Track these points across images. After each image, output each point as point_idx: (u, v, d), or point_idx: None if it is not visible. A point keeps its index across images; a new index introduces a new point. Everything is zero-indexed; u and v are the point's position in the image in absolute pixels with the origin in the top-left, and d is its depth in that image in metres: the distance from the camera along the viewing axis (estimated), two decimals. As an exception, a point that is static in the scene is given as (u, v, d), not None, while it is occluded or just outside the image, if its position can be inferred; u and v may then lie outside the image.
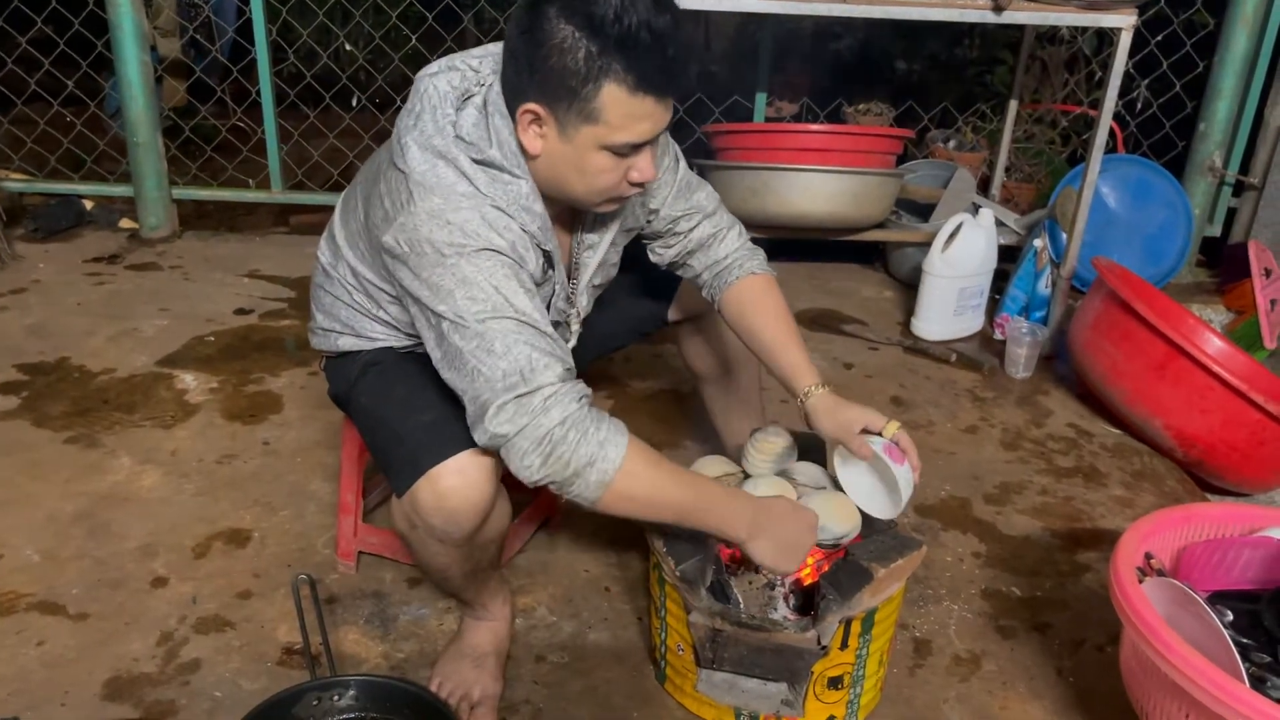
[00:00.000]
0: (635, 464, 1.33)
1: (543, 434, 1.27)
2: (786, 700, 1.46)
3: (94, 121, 3.81)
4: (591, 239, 1.56)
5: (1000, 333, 2.98)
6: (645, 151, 1.36)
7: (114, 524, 1.99)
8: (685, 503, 1.39)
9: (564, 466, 1.29)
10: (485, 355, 1.29)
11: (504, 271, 1.32)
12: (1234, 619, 1.51)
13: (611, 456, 1.30)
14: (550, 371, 1.29)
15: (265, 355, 2.69)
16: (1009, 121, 3.43)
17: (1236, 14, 3.16)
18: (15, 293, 3.03)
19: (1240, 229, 3.40)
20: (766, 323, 1.64)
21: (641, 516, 1.40)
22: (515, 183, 1.36)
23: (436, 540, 1.41)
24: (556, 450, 1.28)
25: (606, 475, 1.30)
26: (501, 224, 1.34)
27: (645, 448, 1.36)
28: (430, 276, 1.32)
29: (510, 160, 1.36)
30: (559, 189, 1.39)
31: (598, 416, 1.33)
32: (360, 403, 1.56)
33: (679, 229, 1.67)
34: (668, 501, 1.38)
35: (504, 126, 1.35)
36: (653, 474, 1.36)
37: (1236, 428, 2.27)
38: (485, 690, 1.58)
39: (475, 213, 1.32)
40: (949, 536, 2.08)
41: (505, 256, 1.33)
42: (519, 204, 1.36)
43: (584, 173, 1.35)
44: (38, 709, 1.55)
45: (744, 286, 1.66)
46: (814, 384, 1.58)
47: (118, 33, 3.24)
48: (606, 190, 1.38)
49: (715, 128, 3.23)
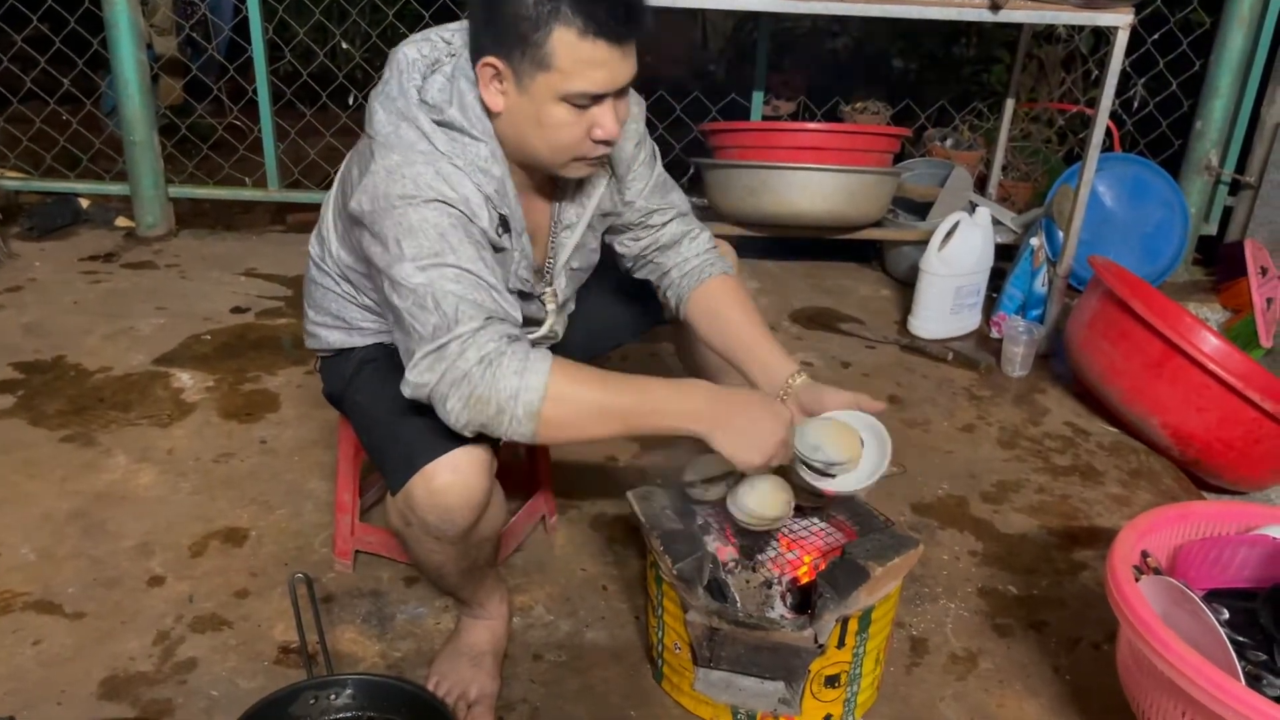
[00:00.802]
0: (562, 384, 1.29)
1: (460, 375, 1.26)
2: (784, 699, 1.46)
3: (90, 120, 3.81)
4: (569, 218, 1.56)
5: (997, 331, 2.98)
6: (606, 106, 1.36)
7: (110, 523, 1.99)
8: (629, 408, 1.33)
9: (486, 404, 1.26)
10: (419, 311, 1.29)
11: (450, 222, 1.33)
12: (1230, 617, 1.51)
13: (534, 384, 1.27)
14: (472, 320, 1.28)
15: (262, 354, 2.69)
16: (1006, 120, 3.43)
17: (1233, 13, 3.16)
18: (11, 291, 3.02)
19: (1236, 228, 3.40)
20: (741, 319, 1.63)
21: (590, 436, 1.35)
22: (474, 144, 1.38)
23: (431, 537, 1.41)
24: (476, 390, 1.26)
25: (533, 405, 1.27)
26: (456, 179, 1.35)
27: (574, 366, 1.32)
28: (380, 229, 1.33)
29: (471, 122, 1.37)
30: (524, 149, 1.40)
31: (518, 350, 1.29)
32: (355, 401, 1.56)
33: (651, 222, 1.67)
34: (609, 412, 1.32)
35: (469, 90, 1.37)
36: (584, 390, 1.31)
37: (1233, 426, 2.28)
38: (482, 689, 1.58)
39: (430, 167, 1.34)
40: (946, 535, 2.09)
41: (455, 209, 1.33)
42: (476, 165, 1.37)
43: (543, 126, 1.35)
44: (34, 708, 1.55)
45: (715, 285, 1.66)
46: (798, 370, 1.59)
47: (114, 31, 3.24)
48: (569, 147, 1.37)
49: (712, 126, 3.23)
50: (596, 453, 2.29)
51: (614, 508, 2.08)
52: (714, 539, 1.63)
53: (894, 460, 1.57)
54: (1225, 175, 3.37)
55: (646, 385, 1.36)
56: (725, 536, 1.64)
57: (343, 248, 1.52)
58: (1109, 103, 2.62)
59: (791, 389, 1.58)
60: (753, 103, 3.59)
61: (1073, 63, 3.79)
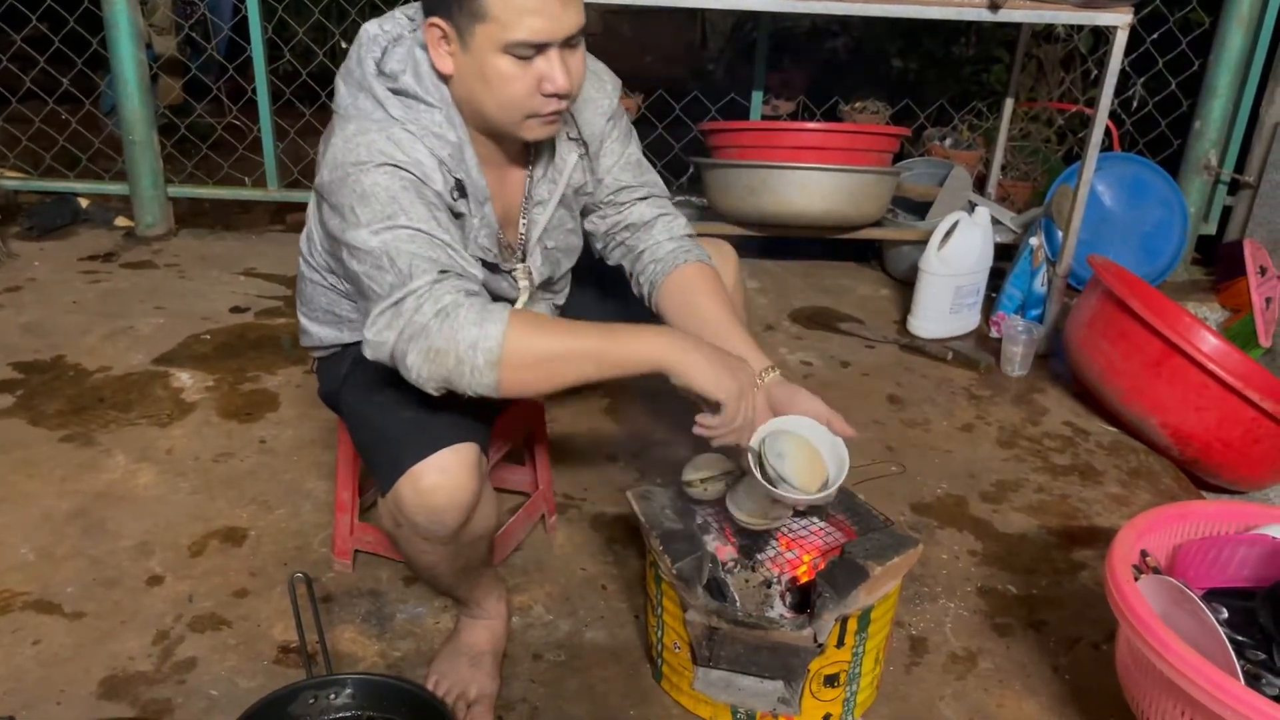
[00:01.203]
0: (521, 331, 1.27)
1: (418, 329, 1.26)
2: (783, 698, 1.46)
3: (90, 119, 3.80)
4: (541, 194, 1.56)
5: (996, 331, 2.98)
6: (552, 58, 1.34)
7: (109, 522, 1.98)
8: (592, 349, 1.32)
9: (445, 356, 1.26)
10: (376, 273, 1.30)
11: (401, 184, 1.34)
12: (1229, 616, 1.51)
13: (492, 333, 1.26)
14: (426, 274, 1.28)
15: (261, 353, 2.69)
16: (1005, 120, 3.43)
17: (1232, 12, 3.16)
18: (10, 291, 3.02)
19: (1235, 227, 3.40)
20: (714, 309, 1.56)
21: (555, 382, 1.32)
22: (429, 110, 1.39)
23: (421, 538, 1.41)
24: (433, 343, 1.25)
25: (493, 353, 1.25)
26: (407, 143, 1.36)
27: (531, 314, 1.34)
28: (338, 198, 1.34)
29: (426, 89, 1.39)
30: (478, 111, 1.40)
31: (476, 302, 1.29)
32: (348, 402, 1.56)
33: (620, 199, 1.63)
34: (572, 354, 1.31)
35: (425, 59, 1.39)
36: (543, 336, 1.30)
37: (1232, 425, 2.28)
38: (482, 689, 1.58)
39: (382, 134, 1.36)
40: (945, 534, 2.09)
41: (407, 172, 1.35)
42: (430, 130, 1.39)
43: (489, 82, 1.35)
44: (33, 708, 1.55)
45: (689, 272, 1.59)
46: (769, 365, 1.54)
47: (113, 30, 3.23)
48: (517, 103, 1.36)
49: (712, 126, 3.23)
50: (596, 452, 2.29)
51: (614, 507, 2.08)
52: (713, 538, 1.63)
53: (895, 460, 1.55)
54: (1224, 175, 3.37)
55: (609, 327, 1.36)
56: (725, 536, 1.64)
57: (320, 233, 1.53)
58: (1108, 102, 2.62)
59: (763, 384, 1.52)
60: (752, 102, 3.58)
61: (1072, 62, 3.78)
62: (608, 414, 2.46)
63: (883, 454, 2.36)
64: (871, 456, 2.33)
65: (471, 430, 1.41)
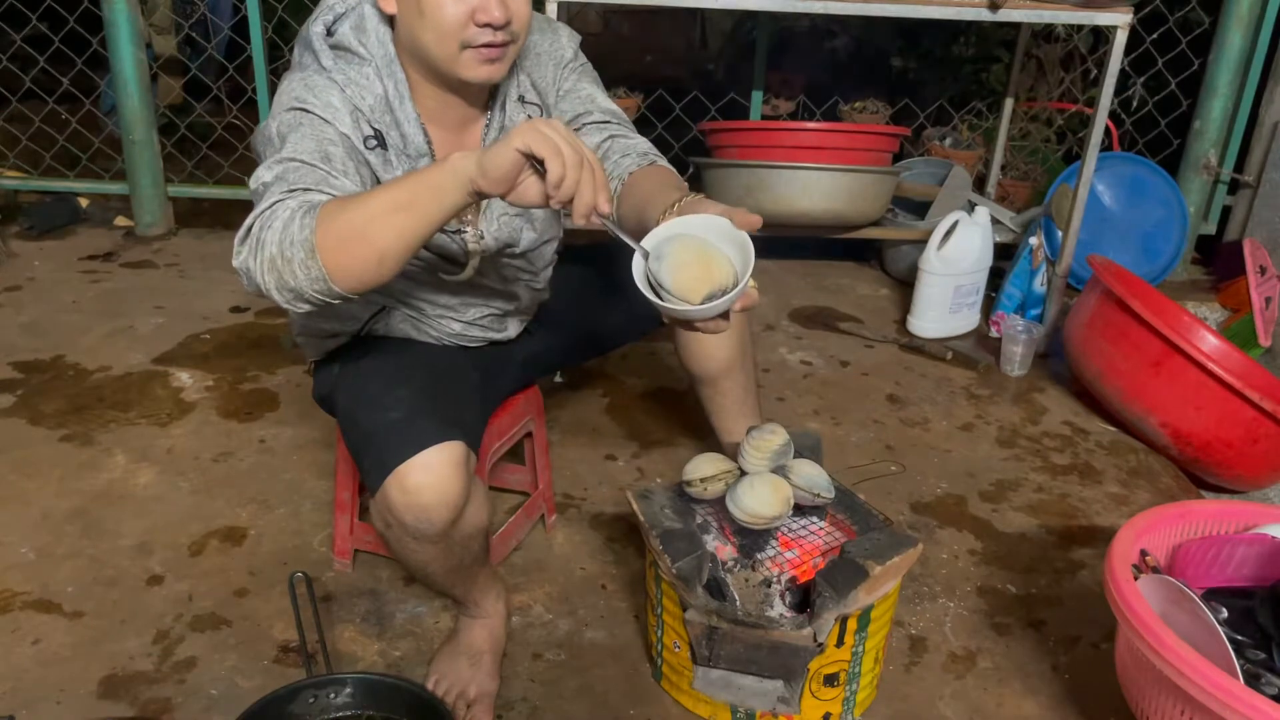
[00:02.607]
0: (330, 210, 1.20)
1: (256, 244, 1.21)
2: (782, 697, 1.46)
3: (89, 119, 3.80)
4: None
5: (996, 330, 2.98)
6: None
7: (109, 522, 1.99)
8: (398, 198, 1.20)
9: (276, 260, 1.18)
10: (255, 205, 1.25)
11: (305, 125, 1.36)
12: (1229, 616, 1.51)
13: (306, 222, 1.18)
14: (272, 197, 1.23)
15: (261, 353, 2.69)
16: (1005, 119, 3.43)
17: (1231, 12, 3.16)
18: (10, 290, 3.02)
19: (1235, 227, 3.40)
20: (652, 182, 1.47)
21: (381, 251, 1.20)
22: (360, 64, 1.44)
23: (411, 538, 1.41)
24: (266, 250, 1.19)
25: (309, 241, 1.18)
26: (322, 88, 1.41)
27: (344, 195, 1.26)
28: (257, 148, 1.41)
29: (362, 42, 1.43)
30: (417, 49, 1.40)
31: (302, 204, 1.22)
32: (339, 403, 1.57)
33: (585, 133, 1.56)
34: (379, 211, 1.19)
35: (370, 14, 1.44)
36: (349, 205, 1.21)
37: (1231, 425, 2.28)
38: (481, 688, 1.58)
39: (302, 82, 1.41)
40: (945, 534, 2.09)
41: (311, 114, 1.37)
42: (357, 81, 1.43)
43: (425, 13, 1.35)
44: (33, 707, 1.55)
45: (643, 172, 1.51)
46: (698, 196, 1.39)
47: (113, 30, 3.23)
48: (452, 30, 1.34)
49: (711, 125, 3.23)
50: (596, 452, 2.29)
51: (613, 507, 2.08)
52: (713, 538, 1.63)
53: (894, 460, 1.55)
54: (1224, 174, 3.37)
55: (407, 175, 1.25)
56: (724, 535, 1.64)
57: None
58: (1108, 102, 2.62)
59: (679, 206, 1.35)
60: (752, 102, 3.58)
61: (1072, 62, 3.78)
62: (608, 414, 2.46)
63: (882, 453, 2.36)
64: (871, 456, 2.33)
65: (460, 429, 1.40)
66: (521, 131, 1.15)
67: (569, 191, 1.17)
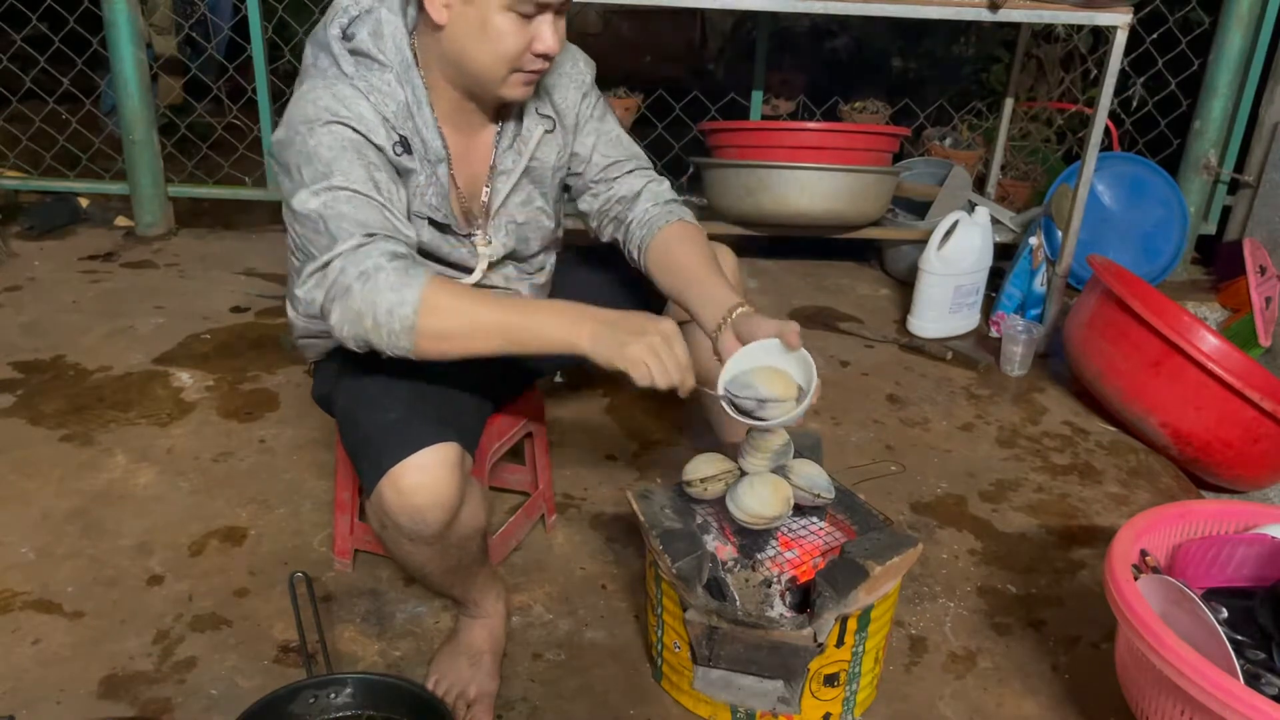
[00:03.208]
0: (438, 298, 1.30)
1: (342, 290, 1.31)
2: (783, 697, 1.46)
3: (90, 119, 3.80)
4: (505, 164, 1.57)
5: (996, 330, 2.98)
6: (547, 20, 1.39)
7: (109, 522, 1.99)
8: (506, 322, 1.33)
9: (363, 318, 1.30)
10: (314, 236, 1.35)
11: (342, 143, 1.37)
12: (1229, 616, 1.52)
13: (409, 298, 1.29)
14: (352, 238, 1.32)
15: (261, 353, 2.69)
16: (1005, 119, 3.43)
17: (1231, 12, 3.16)
18: (10, 290, 3.02)
19: (1235, 227, 3.40)
20: (690, 255, 1.59)
21: (469, 350, 1.35)
22: (381, 70, 1.43)
23: (407, 539, 1.41)
24: (351, 304, 1.30)
25: (408, 319, 1.29)
26: (351, 99, 1.40)
27: (450, 282, 1.37)
28: (286, 158, 1.38)
29: (382, 49, 1.42)
30: (465, 63, 1.42)
31: (399, 266, 1.32)
32: (338, 403, 1.57)
33: (610, 175, 1.67)
34: (486, 325, 1.33)
35: (387, 20, 1.43)
36: (459, 303, 1.33)
37: (1231, 425, 2.28)
38: (481, 688, 1.58)
39: (328, 91, 1.39)
40: (945, 534, 2.09)
41: (350, 128, 1.38)
42: (380, 89, 1.42)
43: (487, 35, 1.37)
44: (33, 707, 1.55)
45: (673, 231, 1.62)
46: (739, 303, 1.52)
47: (113, 30, 3.23)
48: (510, 57, 1.39)
49: (711, 125, 3.23)
50: (596, 452, 2.29)
51: (613, 507, 2.08)
52: (713, 538, 1.63)
53: (894, 460, 1.56)
54: (1224, 174, 3.37)
55: (521, 304, 1.40)
56: (724, 535, 1.64)
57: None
58: (1108, 102, 2.62)
59: (731, 319, 1.51)
60: (752, 102, 3.58)
61: (1071, 62, 3.78)
62: (608, 414, 2.46)
63: (882, 453, 2.36)
64: (871, 456, 2.34)
65: (456, 430, 1.40)
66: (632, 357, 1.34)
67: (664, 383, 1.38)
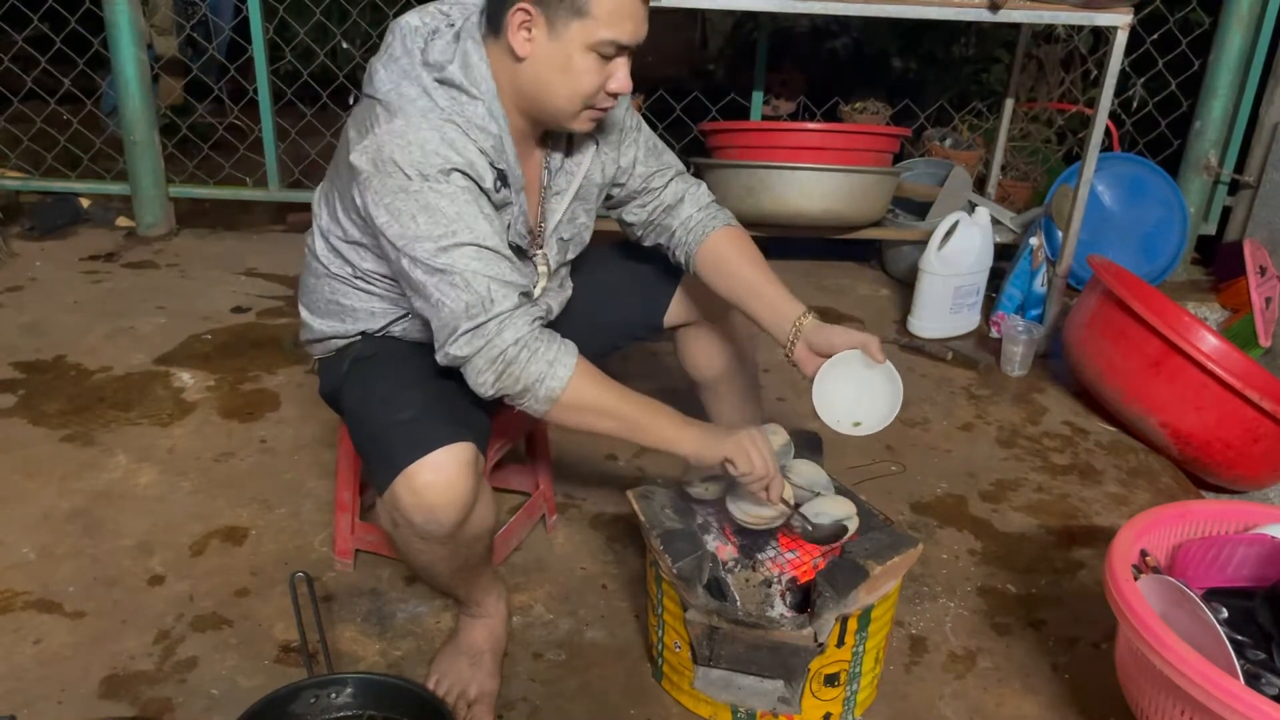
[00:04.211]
0: (582, 380, 1.42)
1: (496, 354, 1.38)
2: (783, 697, 1.46)
3: (91, 119, 3.80)
4: (559, 185, 1.60)
5: (996, 331, 2.99)
6: (623, 62, 1.42)
7: (110, 522, 1.99)
8: (632, 417, 1.46)
9: (515, 382, 1.40)
10: (448, 289, 1.36)
11: (465, 196, 1.38)
12: (1229, 616, 1.52)
13: (560, 374, 1.40)
14: (507, 299, 1.38)
15: (262, 353, 2.69)
16: (1005, 120, 3.43)
17: (1232, 13, 3.16)
18: (11, 290, 3.02)
19: (1235, 227, 3.40)
20: (748, 265, 1.68)
21: (586, 429, 1.47)
22: (472, 103, 1.42)
23: (419, 538, 1.42)
24: (509, 369, 1.39)
25: (554, 392, 1.40)
26: (460, 142, 1.39)
27: (593, 368, 1.45)
28: (393, 202, 1.37)
29: (473, 81, 1.41)
30: (540, 97, 1.43)
31: (550, 337, 1.42)
32: (347, 402, 1.57)
33: (653, 185, 1.71)
34: (614, 414, 1.45)
35: (474, 51, 1.42)
36: (600, 391, 1.44)
37: (1231, 425, 2.28)
38: (482, 688, 1.58)
39: (435, 132, 1.37)
40: (945, 534, 2.09)
41: (465, 176, 1.38)
42: (474, 123, 1.41)
43: (568, 73, 1.39)
44: (34, 707, 1.55)
45: (720, 236, 1.70)
46: (806, 311, 1.64)
47: (114, 31, 3.24)
48: (587, 95, 1.42)
49: (712, 126, 3.23)
50: (596, 452, 2.29)
51: (614, 507, 2.08)
52: (714, 538, 1.64)
53: (894, 460, 1.58)
54: (1224, 175, 3.38)
55: (648, 405, 1.48)
56: (725, 535, 1.65)
57: (334, 223, 1.53)
58: (1108, 102, 2.62)
59: (801, 329, 1.62)
60: (752, 102, 3.58)
61: (1072, 62, 3.78)
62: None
63: (882, 453, 2.36)
64: (871, 456, 2.34)
65: (468, 430, 1.41)
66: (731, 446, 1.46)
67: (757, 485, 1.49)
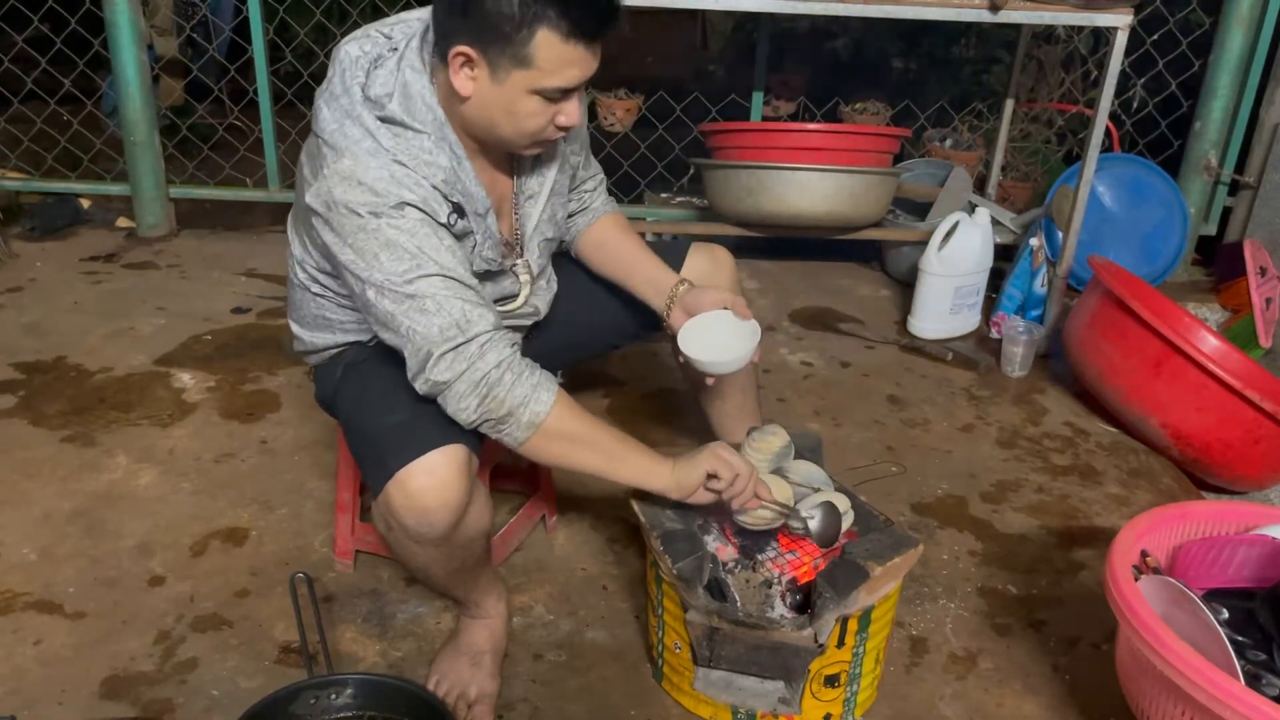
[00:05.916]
0: (564, 410, 1.42)
1: (479, 377, 1.37)
2: (783, 698, 1.46)
3: (91, 120, 3.80)
4: (531, 189, 1.59)
5: (996, 331, 2.98)
6: (573, 97, 1.40)
7: (111, 523, 1.99)
8: (611, 450, 1.48)
9: (499, 405, 1.38)
10: (419, 315, 1.36)
11: (424, 229, 1.37)
12: (1229, 617, 1.52)
13: (544, 399, 1.40)
14: (484, 321, 1.38)
15: (262, 354, 2.69)
16: (1005, 120, 3.43)
17: (1232, 13, 3.16)
18: (12, 291, 3.02)
19: (1236, 228, 3.40)
20: (625, 243, 1.75)
21: (565, 463, 1.47)
22: (417, 137, 1.40)
23: (413, 540, 1.42)
24: (493, 392, 1.37)
25: (539, 416, 1.40)
26: (410, 180, 1.38)
27: (571, 400, 1.45)
28: (355, 241, 1.36)
29: (414, 114, 1.39)
30: (488, 131, 1.42)
31: (530, 364, 1.42)
32: (342, 406, 1.57)
33: (586, 188, 1.76)
34: (594, 446, 1.46)
35: (414, 80, 1.39)
36: (579, 420, 1.45)
37: (1232, 426, 2.28)
38: (482, 688, 1.58)
39: (384, 170, 1.37)
40: (945, 535, 2.09)
41: (420, 211, 1.37)
42: (421, 158, 1.40)
43: (513, 115, 1.39)
44: (34, 708, 1.55)
45: (602, 221, 1.77)
46: (681, 280, 1.69)
47: (114, 31, 3.24)
48: (534, 134, 1.42)
49: (712, 127, 3.23)
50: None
51: (614, 508, 2.08)
52: (714, 539, 1.64)
53: (895, 460, 1.58)
54: (1224, 175, 3.37)
55: (626, 440, 1.50)
56: (725, 536, 1.65)
57: (314, 248, 1.52)
58: (1108, 103, 2.62)
59: (676, 295, 1.67)
60: (752, 103, 3.58)
61: (1072, 63, 3.78)
62: (609, 415, 2.46)
63: (883, 454, 2.36)
64: (872, 457, 2.34)
65: (461, 433, 1.41)
66: (706, 459, 1.48)
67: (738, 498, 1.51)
